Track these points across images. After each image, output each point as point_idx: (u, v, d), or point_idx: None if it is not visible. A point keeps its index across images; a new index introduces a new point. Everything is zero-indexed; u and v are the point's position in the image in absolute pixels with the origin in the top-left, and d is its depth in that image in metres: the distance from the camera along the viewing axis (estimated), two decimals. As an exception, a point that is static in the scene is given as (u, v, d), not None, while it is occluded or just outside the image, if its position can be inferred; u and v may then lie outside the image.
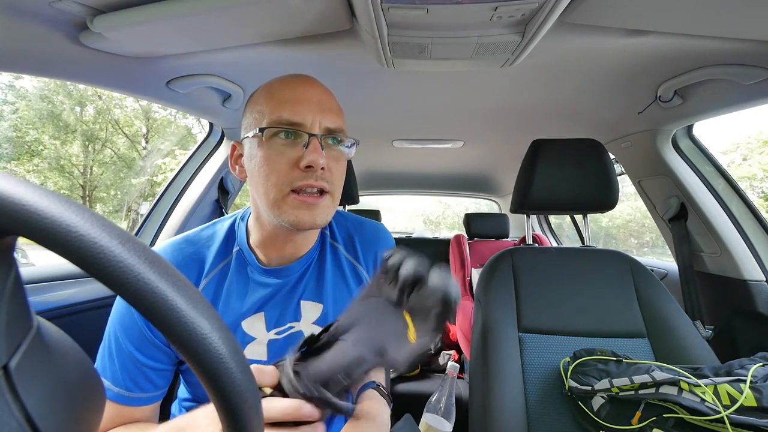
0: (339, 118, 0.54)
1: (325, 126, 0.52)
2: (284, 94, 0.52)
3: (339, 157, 0.54)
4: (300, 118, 0.50)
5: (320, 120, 0.51)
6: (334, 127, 0.52)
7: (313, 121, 0.50)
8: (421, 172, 2.26)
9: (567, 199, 0.94)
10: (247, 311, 0.56)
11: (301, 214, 0.50)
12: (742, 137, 5.77)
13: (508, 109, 1.17)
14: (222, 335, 0.21)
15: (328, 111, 0.52)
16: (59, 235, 0.17)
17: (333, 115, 0.53)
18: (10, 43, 0.63)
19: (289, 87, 0.53)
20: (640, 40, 0.72)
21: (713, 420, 0.55)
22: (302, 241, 0.58)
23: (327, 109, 0.52)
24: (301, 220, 0.50)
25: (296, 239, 0.57)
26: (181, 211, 1.22)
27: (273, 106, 0.51)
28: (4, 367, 0.18)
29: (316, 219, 0.51)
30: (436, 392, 0.79)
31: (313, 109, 0.51)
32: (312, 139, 0.50)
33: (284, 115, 0.50)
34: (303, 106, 0.51)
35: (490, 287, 0.91)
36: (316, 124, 0.51)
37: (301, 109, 0.50)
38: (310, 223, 0.50)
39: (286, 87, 0.53)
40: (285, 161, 0.50)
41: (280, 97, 0.52)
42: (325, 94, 0.54)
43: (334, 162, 0.53)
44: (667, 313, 0.84)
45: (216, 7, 0.59)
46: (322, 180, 0.50)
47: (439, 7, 0.60)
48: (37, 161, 8.00)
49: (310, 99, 0.52)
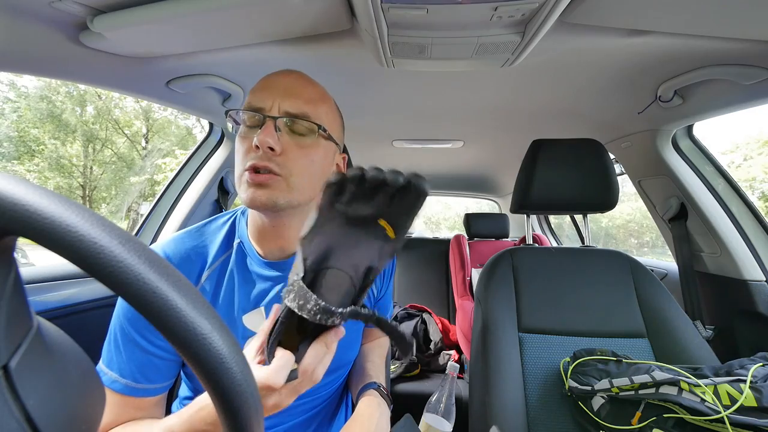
0: (307, 106, 0.52)
1: (284, 110, 0.51)
2: (257, 85, 0.54)
3: (303, 144, 0.52)
4: (260, 103, 0.51)
5: (280, 104, 0.51)
6: (295, 112, 0.51)
7: (273, 104, 0.51)
8: (421, 172, 2.25)
9: (567, 199, 0.94)
10: (247, 304, 0.56)
11: (250, 192, 0.50)
12: (743, 138, 5.76)
13: (508, 109, 1.17)
14: (222, 335, 0.21)
15: (292, 96, 0.52)
16: (59, 235, 0.17)
17: (298, 101, 0.52)
18: (10, 43, 0.63)
19: (267, 77, 0.55)
20: (641, 40, 0.72)
21: (713, 420, 0.55)
22: (288, 232, 0.57)
23: (292, 94, 0.52)
24: (250, 197, 0.50)
25: (279, 229, 0.56)
26: (181, 211, 1.22)
27: (249, 95, 0.54)
28: (4, 367, 0.18)
29: (262, 197, 0.50)
30: (436, 392, 0.79)
31: (276, 94, 0.52)
32: (267, 120, 0.50)
33: (251, 101, 0.52)
34: (266, 92, 0.52)
35: (490, 287, 0.91)
36: (276, 108, 0.51)
37: (264, 94, 0.52)
38: (259, 202, 0.50)
39: (265, 77, 0.55)
40: (247, 143, 0.51)
41: (254, 88, 0.54)
42: (297, 82, 0.54)
43: (297, 148, 0.52)
44: (667, 313, 0.84)
45: (216, 7, 0.59)
46: (270, 161, 0.50)
47: (439, 7, 0.60)
48: (37, 161, 8.00)
49: (276, 85, 0.53)
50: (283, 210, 0.52)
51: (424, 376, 1.67)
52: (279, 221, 0.55)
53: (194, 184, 1.25)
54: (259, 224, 0.57)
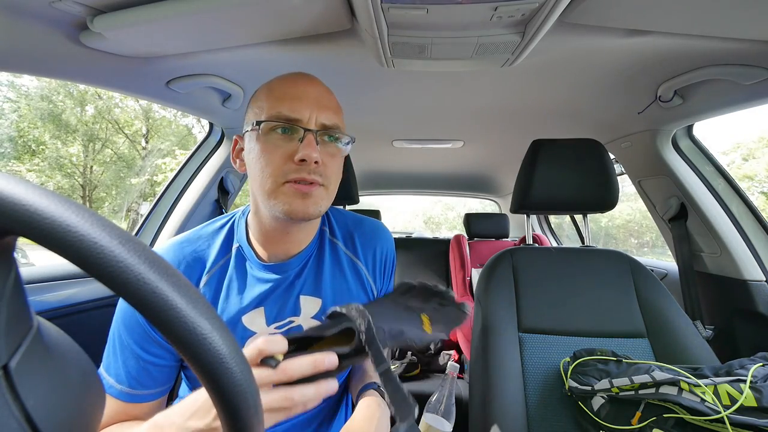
0: (336, 116, 0.55)
1: (321, 122, 0.53)
2: (284, 91, 0.53)
3: (334, 153, 0.55)
4: (297, 114, 0.51)
5: (317, 116, 0.52)
6: (330, 124, 0.53)
7: (310, 117, 0.52)
8: (421, 172, 2.26)
9: (567, 199, 0.94)
10: (247, 306, 0.56)
11: (294, 203, 0.51)
12: (743, 138, 5.75)
13: (508, 109, 1.17)
14: (222, 335, 0.21)
15: (325, 108, 0.53)
16: (59, 235, 0.17)
17: (329, 113, 0.54)
18: (10, 43, 0.63)
19: (289, 83, 0.54)
20: (640, 40, 0.72)
21: (713, 420, 0.55)
22: (299, 236, 0.59)
23: (324, 106, 0.53)
24: (294, 209, 0.51)
25: (293, 234, 0.57)
26: (181, 211, 1.22)
27: (272, 101, 0.52)
28: (4, 367, 0.18)
29: (309, 208, 0.51)
30: (436, 392, 0.79)
31: (310, 105, 0.52)
32: (307, 134, 0.51)
33: (282, 110, 0.51)
34: (301, 103, 0.52)
35: (490, 287, 0.91)
36: (313, 120, 0.52)
37: (298, 105, 0.52)
38: (302, 212, 0.51)
39: (286, 83, 0.54)
40: (281, 154, 0.51)
41: (280, 93, 0.53)
42: (323, 92, 0.55)
43: (329, 158, 0.54)
44: (667, 313, 0.84)
45: (216, 7, 0.59)
46: (315, 174, 0.51)
47: (439, 7, 0.60)
48: (37, 161, 8.00)
49: (308, 96, 0.53)
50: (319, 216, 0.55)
51: (424, 376, 1.68)
52: (296, 226, 0.56)
53: (194, 184, 1.25)
54: (267, 228, 0.57)
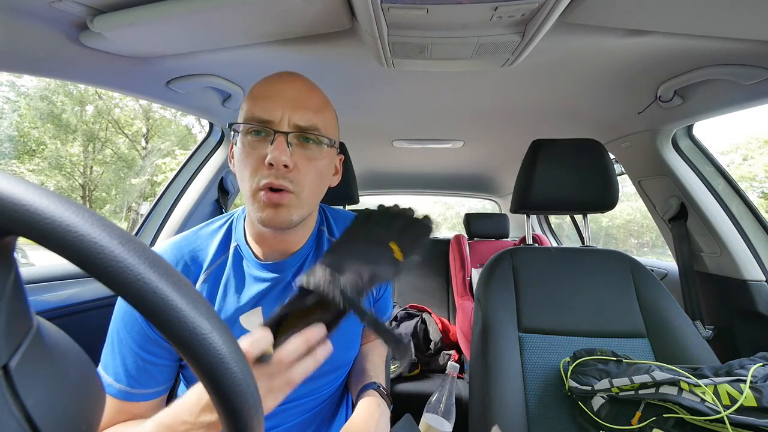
0: (315, 116, 0.52)
1: (295, 123, 0.50)
2: (260, 91, 0.52)
3: (313, 156, 0.52)
4: (268, 115, 0.49)
5: (290, 117, 0.49)
6: (305, 125, 0.50)
7: (282, 117, 0.49)
8: (421, 172, 2.26)
9: (567, 199, 0.94)
10: (244, 306, 0.56)
11: (265, 212, 0.50)
12: (743, 139, 5.75)
13: (508, 109, 1.17)
14: (222, 335, 0.21)
15: (302, 108, 0.50)
16: (59, 235, 0.17)
17: (307, 112, 0.51)
18: (10, 43, 0.63)
19: (267, 83, 0.52)
20: (640, 40, 0.72)
21: (713, 420, 0.55)
22: (290, 238, 0.58)
23: (301, 106, 0.50)
24: (265, 218, 0.50)
25: (283, 236, 0.57)
26: (181, 211, 1.22)
27: (249, 102, 0.51)
28: (4, 367, 0.18)
29: (279, 218, 0.50)
30: (436, 392, 0.79)
31: (283, 105, 0.50)
32: (277, 136, 0.49)
33: (255, 111, 0.50)
34: (273, 102, 0.50)
35: (490, 287, 0.91)
36: (285, 121, 0.49)
37: (270, 105, 0.50)
38: (273, 222, 0.50)
39: (263, 83, 0.53)
40: (255, 157, 0.49)
41: (256, 94, 0.52)
42: (303, 91, 0.52)
43: (305, 161, 0.51)
44: (667, 313, 0.84)
45: (216, 7, 0.59)
46: (285, 179, 0.49)
47: (439, 7, 0.60)
48: (37, 161, 8.00)
49: (283, 95, 0.50)
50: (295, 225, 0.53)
51: (424, 376, 1.67)
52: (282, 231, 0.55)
53: (194, 184, 1.25)
54: (259, 230, 0.56)
